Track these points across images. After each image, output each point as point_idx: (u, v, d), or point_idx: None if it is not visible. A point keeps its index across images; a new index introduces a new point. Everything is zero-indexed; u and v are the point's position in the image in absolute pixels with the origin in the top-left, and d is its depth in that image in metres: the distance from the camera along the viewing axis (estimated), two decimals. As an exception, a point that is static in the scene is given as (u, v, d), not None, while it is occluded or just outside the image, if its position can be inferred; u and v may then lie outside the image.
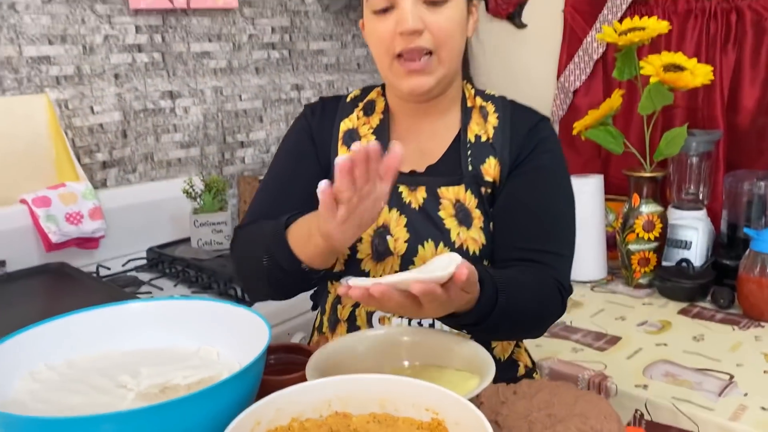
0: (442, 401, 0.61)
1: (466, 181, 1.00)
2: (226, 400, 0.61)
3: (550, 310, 0.95)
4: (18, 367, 0.70)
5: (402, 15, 0.92)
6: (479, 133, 1.03)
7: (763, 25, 2.03)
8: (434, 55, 0.95)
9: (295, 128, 1.11)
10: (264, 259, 0.90)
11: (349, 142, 1.05)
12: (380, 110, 1.07)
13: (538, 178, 0.99)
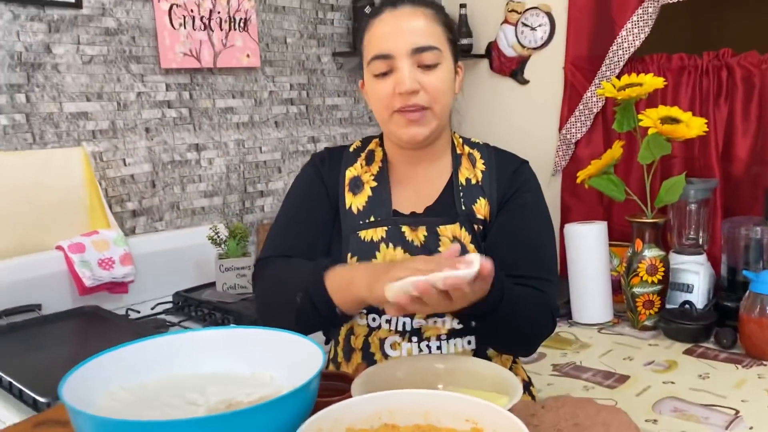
0: (480, 411, 0.69)
1: (460, 219, 1.10)
2: (289, 412, 0.68)
3: (543, 323, 1.05)
4: (96, 388, 0.78)
5: (400, 78, 1.04)
6: (469, 176, 1.14)
7: (752, 80, 2.17)
8: (429, 110, 1.06)
9: (305, 173, 1.20)
10: (298, 297, 0.98)
11: (354, 189, 1.14)
12: (379, 159, 1.17)
13: (523, 214, 1.11)
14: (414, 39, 1.04)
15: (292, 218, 1.17)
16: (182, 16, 2.00)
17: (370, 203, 1.13)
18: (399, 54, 1.04)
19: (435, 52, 1.05)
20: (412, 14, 1.06)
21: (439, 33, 1.07)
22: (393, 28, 1.06)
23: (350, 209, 1.13)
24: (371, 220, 1.12)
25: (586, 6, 2.44)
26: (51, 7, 1.75)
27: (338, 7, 2.49)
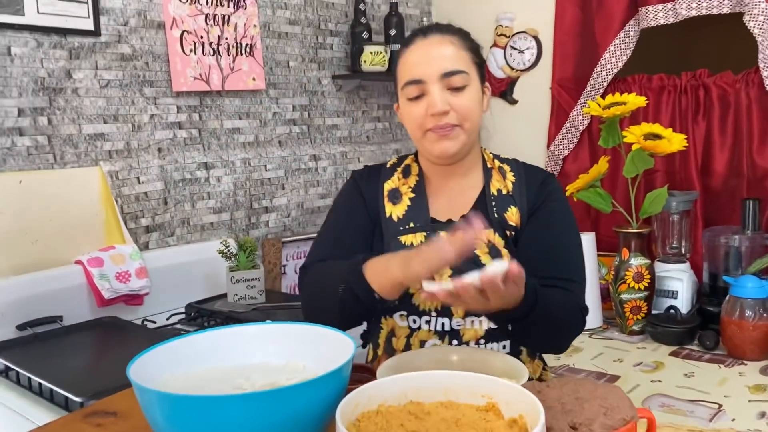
0: (495, 387, 0.80)
1: (494, 226, 1.19)
2: (329, 389, 0.78)
3: (573, 322, 1.15)
4: (150, 377, 0.87)
5: (432, 101, 1.15)
6: (500, 188, 1.24)
7: (727, 99, 2.32)
8: (459, 127, 1.17)
9: (346, 189, 1.32)
10: (340, 289, 1.08)
11: (393, 199, 1.25)
12: (415, 173, 1.28)
13: (551, 220, 1.21)
14: (443, 64, 1.15)
15: (333, 229, 1.28)
16: (192, 42, 2.12)
17: (409, 212, 1.23)
18: (430, 79, 1.15)
19: (463, 75, 1.15)
20: (441, 42, 1.17)
21: (465, 57, 1.18)
22: (423, 55, 1.17)
23: (390, 217, 1.24)
24: (411, 226, 1.22)
25: (571, 30, 2.59)
26: (72, 35, 1.86)
27: (337, 33, 2.62)
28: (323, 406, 0.78)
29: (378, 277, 1.05)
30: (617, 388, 0.85)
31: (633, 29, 2.46)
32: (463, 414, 0.78)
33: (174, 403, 0.75)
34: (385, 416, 0.78)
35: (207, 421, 0.74)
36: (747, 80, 2.28)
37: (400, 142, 2.94)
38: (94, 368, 1.61)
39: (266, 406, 0.74)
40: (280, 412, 0.75)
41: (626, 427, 0.77)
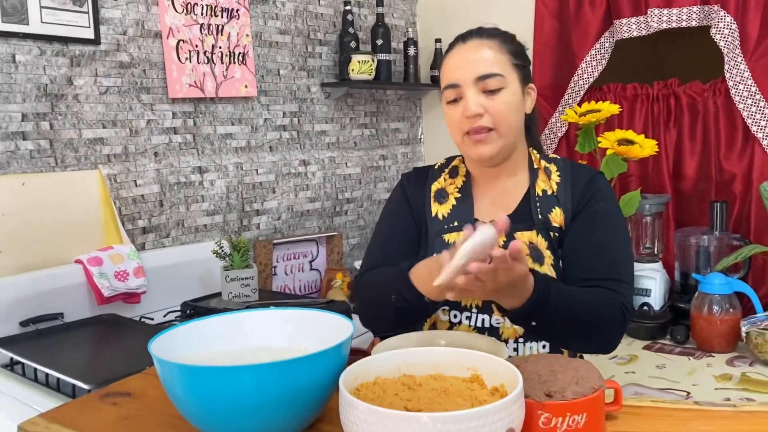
0: (479, 360, 0.90)
1: (537, 227, 1.20)
2: (330, 363, 0.87)
3: (611, 322, 1.13)
4: (168, 355, 0.95)
5: (467, 103, 1.18)
6: (545, 188, 1.24)
7: (696, 107, 2.45)
8: (494, 131, 1.18)
9: (394, 195, 1.36)
10: (393, 296, 1.13)
11: (439, 199, 1.29)
12: (462, 174, 1.31)
13: (598, 220, 1.20)
14: (478, 68, 1.17)
15: (380, 236, 1.33)
16: (188, 51, 2.20)
17: (454, 211, 1.27)
18: (465, 82, 1.18)
19: (498, 78, 1.17)
20: (479, 46, 1.20)
21: (503, 60, 1.19)
22: (461, 60, 1.20)
23: (436, 216, 1.28)
24: (455, 225, 1.25)
25: (550, 41, 2.71)
26: (73, 43, 1.94)
27: (325, 42, 2.72)
28: (325, 377, 0.87)
29: (424, 283, 1.10)
30: (588, 362, 0.95)
31: (608, 41, 2.59)
32: (451, 384, 0.88)
33: (192, 374, 0.84)
34: (381, 387, 0.88)
35: (222, 390, 0.82)
36: (714, 89, 2.41)
37: (386, 148, 3.04)
38: (97, 360, 1.69)
39: (276, 376, 0.83)
40: (288, 382, 0.84)
41: (595, 394, 0.87)
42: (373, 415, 0.75)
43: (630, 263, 1.23)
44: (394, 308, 1.15)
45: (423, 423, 0.72)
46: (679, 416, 0.92)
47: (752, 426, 0.89)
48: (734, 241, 2.29)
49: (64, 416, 0.99)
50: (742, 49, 2.27)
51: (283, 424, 0.88)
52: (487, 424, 0.73)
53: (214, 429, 0.88)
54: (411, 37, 2.90)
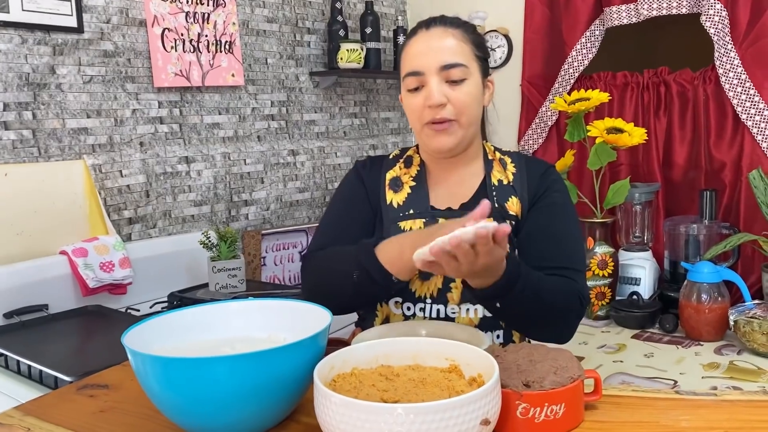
0: (457, 350, 0.89)
1: (494, 215, 1.20)
2: (307, 353, 0.86)
3: (570, 308, 1.15)
4: (141, 348, 0.94)
5: (429, 92, 1.16)
6: (501, 178, 1.25)
7: (686, 95, 2.44)
8: (455, 122, 1.18)
9: (348, 179, 1.34)
10: (355, 274, 1.11)
11: (394, 187, 1.28)
12: (417, 163, 1.30)
13: (554, 211, 1.22)
14: (442, 57, 1.16)
15: (334, 218, 1.31)
16: (173, 39, 2.18)
17: (409, 199, 1.26)
18: (429, 71, 1.16)
19: (461, 68, 1.16)
20: (443, 34, 1.19)
21: (467, 51, 1.19)
22: (424, 47, 1.18)
23: (391, 204, 1.27)
24: (410, 213, 1.24)
25: (540, 29, 2.69)
26: (55, 32, 1.91)
27: (314, 31, 2.69)
28: (302, 368, 0.86)
29: (393, 263, 1.09)
30: (567, 352, 0.94)
31: (598, 28, 2.57)
32: (429, 375, 0.87)
33: (165, 366, 0.82)
34: (359, 377, 0.87)
35: (196, 382, 0.81)
36: (704, 77, 2.40)
37: (376, 137, 3.02)
38: (81, 352, 1.67)
39: (251, 367, 0.82)
40: (263, 373, 0.83)
41: (573, 384, 0.86)
42: (347, 406, 0.74)
43: (583, 253, 1.26)
44: (354, 285, 1.13)
45: (397, 414, 0.71)
46: (659, 405, 0.92)
47: (732, 415, 0.88)
48: (723, 230, 2.28)
49: (39, 409, 0.98)
50: (732, 36, 2.26)
51: (260, 416, 0.87)
52: (461, 414, 0.72)
53: (189, 421, 0.87)
54: (401, 26, 2.88)
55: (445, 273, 0.98)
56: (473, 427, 0.73)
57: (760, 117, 2.24)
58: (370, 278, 1.11)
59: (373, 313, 1.29)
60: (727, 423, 0.85)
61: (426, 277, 1.20)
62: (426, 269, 0.98)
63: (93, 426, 0.91)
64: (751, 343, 1.92)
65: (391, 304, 1.26)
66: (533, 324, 1.17)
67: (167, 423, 0.89)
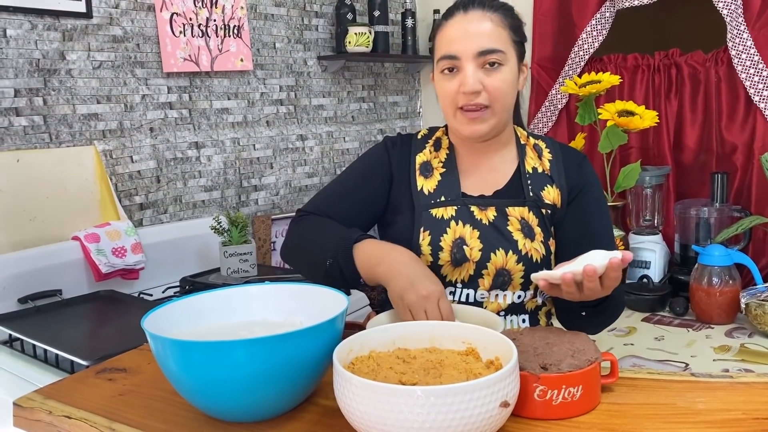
0: (474, 334, 0.89)
1: (528, 203, 1.20)
2: (325, 336, 0.87)
3: (619, 310, 1.20)
4: (160, 331, 0.95)
5: (464, 78, 1.14)
6: (536, 165, 1.24)
7: (698, 77, 2.42)
8: (489, 108, 1.16)
9: (374, 152, 1.30)
10: (328, 262, 1.12)
11: (424, 173, 1.25)
12: (446, 146, 1.27)
13: (594, 209, 1.23)
14: (480, 42, 1.13)
15: (345, 187, 1.29)
16: (182, 24, 2.17)
17: (441, 186, 1.23)
18: (465, 56, 1.14)
19: (498, 54, 1.13)
20: (481, 18, 1.15)
21: (504, 36, 1.15)
22: (461, 31, 1.15)
23: (422, 190, 1.23)
24: (442, 200, 1.22)
25: (550, 11, 2.67)
26: (65, 17, 1.91)
27: (322, 14, 2.68)
28: (319, 351, 0.87)
29: (366, 270, 1.10)
30: (583, 334, 0.95)
31: (609, 10, 2.54)
32: (446, 357, 0.87)
33: (185, 349, 0.83)
34: (376, 360, 0.87)
35: (215, 365, 0.82)
36: (716, 59, 2.37)
37: (384, 122, 3.02)
38: (95, 336, 1.69)
39: (269, 351, 0.83)
40: (281, 356, 0.83)
41: (591, 366, 0.86)
42: (367, 388, 0.74)
43: None
44: (324, 271, 1.14)
45: (416, 396, 0.72)
46: (675, 388, 0.92)
47: (749, 397, 0.88)
48: (735, 213, 2.27)
49: (59, 392, 0.99)
50: (745, 17, 2.23)
51: (278, 398, 0.88)
52: (481, 397, 0.73)
53: (208, 404, 0.88)
54: (409, 8, 2.86)
55: (562, 296, 1.01)
56: (493, 409, 0.73)
57: (773, 99, 2.22)
58: (340, 271, 1.12)
59: None
60: (744, 405, 0.86)
61: (458, 264, 1.19)
62: (545, 291, 1.01)
63: (113, 409, 0.92)
64: (762, 325, 1.92)
65: None
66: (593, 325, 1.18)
67: (185, 405, 0.90)
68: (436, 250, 1.19)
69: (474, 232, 1.19)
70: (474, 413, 0.72)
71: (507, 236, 1.19)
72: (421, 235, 1.20)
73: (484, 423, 0.73)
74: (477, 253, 1.19)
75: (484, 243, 1.19)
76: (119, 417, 0.90)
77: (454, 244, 1.19)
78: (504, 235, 1.19)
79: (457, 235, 1.19)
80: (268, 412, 0.89)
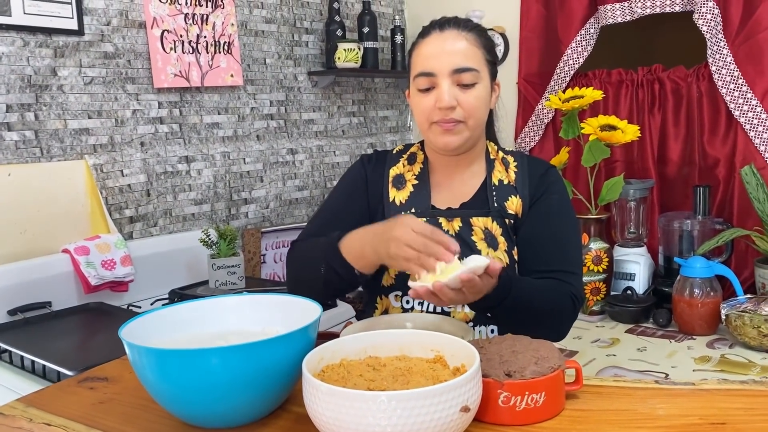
0: (442, 342, 0.92)
1: (492, 214, 1.24)
2: (297, 344, 0.89)
3: (562, 310, 1.19)
4: (139, 341, 0.98)
5: (441, 95, 1.18)
6: (502, 178, 1.28)
7: (680, 92, 2.47)
8: (463, 123, 1.20)
9: (351, 172, 1.36)
10: (322, 269, 1.14)
11: (397, 185, 1.30)
12: (420, 161, 1.32)
13: (552, 213, 1.25)
14: (455, 60, 1.18)
15: (330, 209, 1.34)
16: (173, 41, 2.21)
17: (412, 198, 1.28)
18: (441, 73, 1.18)
19: (473, 73, 1.18)
20: (456, 37, 1.20)
21: (479, 55, 1.21)
22: (438, 49, 1.20)
23: (393, 201, 1.29)
24: (412, 212, 1.27)
25: (536, 27, 2.72)
26: (57, 34, 1.95)
27: (312, 31, 2.73)
28: (292, 359, 0.89)
29: (357, 260, 1.12)
30: (548, 343, 0.98)
31: (593, 26, 2.59)
32: (414, 365, 0.90)
33: (160, 357, 0.86)
34: (347, 368, 0.90)
35: (190, 373, 0.85)
36: (698, 74, 2.42)
37: (374, 136, 3.06)
38: (83, 347, 1.71)
39: (243, 358, 0.85)
40: (255, 363, 0.86)
41: (554, 373, 0.89)
42: (333, 395, 0.77)
43: (580, 254, 1.29)
44: (322, 279, 1.16)
45: (380, 401, 0.75)
46: (638, 395, 0.95)
47: (708, 403, 0.91)
48: (717, 225, 2.31)
49: (41, 400, 1.01)
50: (725, 34, 2.28)
51: (252, 405, 0.90)
52: (441, 401, 0.75)
53: (184, 411, 0.90)
54: (398, 25, 2.91)
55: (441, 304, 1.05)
56: (453, 414, 0.76)
57: (753, 113, 2.27)
58: (335, 272, 1.14)
59: (373, 306, 1.31)
60: (702, 410, 0.88)
61: None
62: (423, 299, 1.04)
63: (92, 416, 0.95)
64: (742, 336, 1.95)
65: (390, 297, 1.28)
66: (525, 326, 1.18)
67: (163, 413, 0.93)
68: None
69: None
70: (434, 417, 0.75)
71: (471, 246, 1.23)
72: None
73: (445, 427, 0.76)
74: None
75: None
76: (98, 424, 0.92)
77: None
78: (468, 244, 1.23)
79: None
80: (242, 419, 0.91)
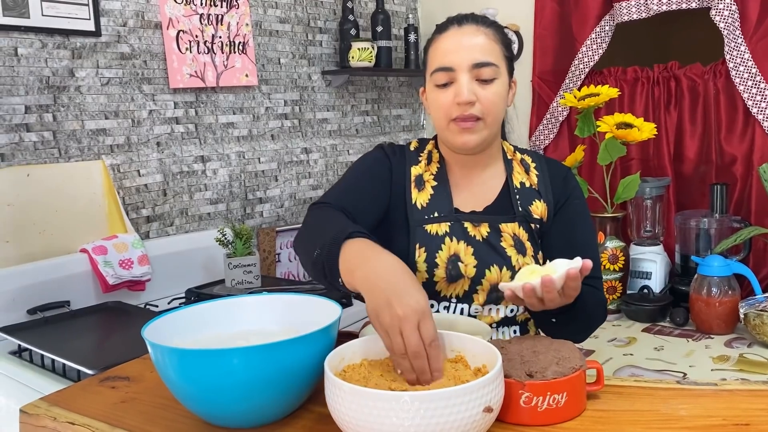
0: (463, 342, 0.92)
1: (518, 219, 1.24)
2: (318, 344, 0.90)
3: (598, 317, 1.23)
4: (161, 341, 0.98)
5: (459, 89, 1.16)
6: (523, 180, 1.27)
7: (696, 89, 2.45)
8: (482, 120, 1.18)
9: (376, 154, 1.30)
10: (316, 252, 1.03)
11: (418, 186, 1.26)
12: (436, 160, 1.29)
13: (577, 220, 1.26)
14: (474, 55, 1.16)
15: (352, 184, 1.25)
16: (188, 41, 2.23)
17: (433, 200, 1.25)
18: (460, 68, 1.16)
19: (492, 68, 1.17)
20: (475, 32, 1.19)
21: (497, 51, 1.19)
22: (456, 43, 1.18)
23: (415, 204, 1.25)
24: (435, 216, 1.23)
25: (550, 25, 2.71)
26: (74, 35, 1.97)
27: (326, 30, 2.73)
28: (313, 359, 0.90)
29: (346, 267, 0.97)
30: (569, 343, 0.97)
31: (608, 24, 2.58)
32: (436, 365, 0.90)
33: (183, 357, 0.87)
34: (368, 368, 0.90)
35: (212, 373, 0.85)
36: (715, 71, 2.40)
37: (388, 135, 3.06)
38: (102, 346, 1.73)
39: (264, 358, 0.86)
40: (276, 363, 0.86)
41: (575, 374, 0.89)
42: (356, 395, 0.77)
43: (600, 260, 1.33)
44: (312, 262, 1.05)
45: (403, 402, 0.75)
46: (659, 395, 0.94)
47: (732, 404, 0.90)
48: (734, 224, 2.29)
49: (64, 399, 1.02)
50: (742, 30, 2.26)
51: (273, 405, 0.91)
52: (464, 402, 0.75)
53: (206, 410, 0.91)
54: (412, 24, 2.90)
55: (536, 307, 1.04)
56: (476, 414, 0.76)
57: (771, 110, 2.24)
58: (322, 267, 1.02)
59: None
60: (726, 411, 0.88)
61: (454, 280, 1.22)
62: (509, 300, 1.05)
63: (114, 415, 0.96)
64: (761, 335, 1.93)
65: None
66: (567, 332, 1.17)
67: (184, 412, 0.94)
68: (431, 266, 1.21)
69: (468, 248, 1.22)
70: (458, 418, 0.75)
71: (501, 252, 1.22)
72: (417, 251, 1.22)
73: (468, 427, 0.76)
74: (472, 270, 1.21)
75: (479, 259, 1.21)
76: (121, 423, 0.93)
77: (449, 261, 1.21)
78: (498, 251, 1.22)
79: (451, 252, 1.22)
80: (264, 418, 0.92)
